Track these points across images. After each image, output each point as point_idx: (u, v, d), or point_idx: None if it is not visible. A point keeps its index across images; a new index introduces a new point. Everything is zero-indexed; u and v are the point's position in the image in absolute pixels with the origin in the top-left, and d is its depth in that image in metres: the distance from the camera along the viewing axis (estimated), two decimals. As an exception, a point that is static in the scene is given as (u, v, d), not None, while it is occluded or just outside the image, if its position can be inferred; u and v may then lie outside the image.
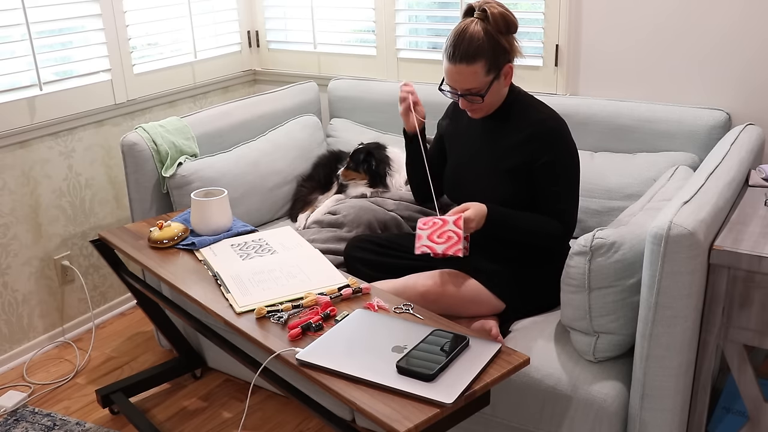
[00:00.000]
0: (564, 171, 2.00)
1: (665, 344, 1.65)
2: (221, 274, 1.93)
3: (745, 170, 2.04)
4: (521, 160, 1.99)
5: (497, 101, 2.01)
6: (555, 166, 1.97)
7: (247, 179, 2.69)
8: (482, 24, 1.90)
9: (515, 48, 1.96)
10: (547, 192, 1.98)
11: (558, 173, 1.98)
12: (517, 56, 1.98)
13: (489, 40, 1.89)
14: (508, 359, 1.53)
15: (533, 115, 2.01)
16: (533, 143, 1.97)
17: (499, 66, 1.92)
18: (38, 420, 2.40)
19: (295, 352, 1.54)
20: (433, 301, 1.92)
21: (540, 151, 1.96)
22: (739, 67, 2.39)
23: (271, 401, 2.47)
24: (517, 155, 1.99)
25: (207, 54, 3.30)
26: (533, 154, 1.97)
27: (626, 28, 2.54)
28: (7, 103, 2.58)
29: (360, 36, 3.21)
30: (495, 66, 1.91)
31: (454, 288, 1.95)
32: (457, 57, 1.89)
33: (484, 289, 1.98)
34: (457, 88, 1.96)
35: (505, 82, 1.98)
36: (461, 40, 1.89)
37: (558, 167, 1.98)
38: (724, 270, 1.66)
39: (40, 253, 2.79)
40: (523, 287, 2.04)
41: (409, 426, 1.32)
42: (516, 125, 2.02)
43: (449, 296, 1.94)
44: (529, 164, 1.98)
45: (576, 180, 2.03)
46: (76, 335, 2.94)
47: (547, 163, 1.96)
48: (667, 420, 1.71)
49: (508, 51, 1.93)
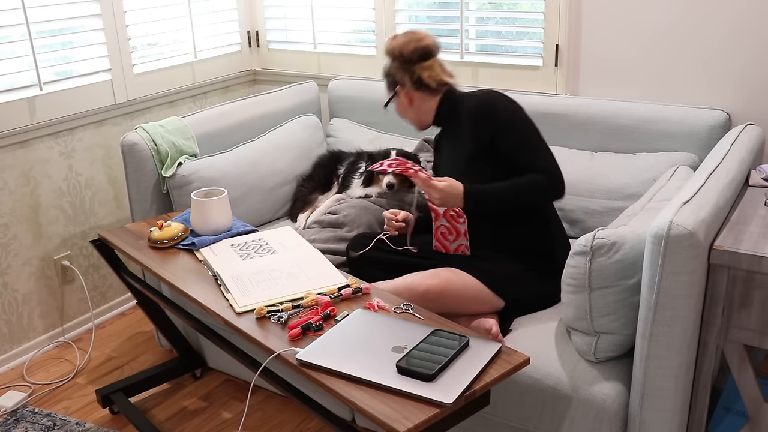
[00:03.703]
0: (519, 131, 2.09)
1: (665, 344, 1.65)
2: (221, 274, 1.93)
3: (745, 170, 2.04)
4: (477, 146, 2.11)
5: (413, 115, 2.28)
6: (507, 131, 2.08)
7: (247, 179, 2.69)
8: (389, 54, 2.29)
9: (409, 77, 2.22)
10: (516, 158, 2.06)
11: (514, 137, 2.08)
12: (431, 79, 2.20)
13: (387, 68, 2.30)
14: (508, 359, 1.53)
15: (466, 105, 2.17)
16: (477, 126, 2.11)
17: (393, 87, 2.28)
18: (38, 420, 2.40)
19: (295, 352, 1.54)
20: (434, 300, 1.93)
21: (487, 130, 2.09)
22: (739, 67, 2.39)
23: (271, 401, 2.47)
24: (472, 144, 2.12)
25: (207, 54, 3.30)
26: (484, 135, 2.09)
27: (626, 28, 2.54)
28: (7, 103, 2.58)
29: (360, 36, 3.21)
30: (390, 86, 2.30)
31: (454, 286, 1.95)
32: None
33: (484, 287, 1.99)
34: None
35: (406, 102, 2.26)
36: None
37: (511, 133, 2.08)
38: (724, 270, 1.66)
39: (40, 253, 2.79)
40: (523, 284, 2.04)
41: (409, 426, 1.32)
42: (458, 123, 2.19)
43: (449, 295, 1.95)
44: (486, 146, 2.09)
45: (534, 133, 2.12)
46: (76, 335, 2.94)
47: (499, 133, 2.07)
48: (667, 420, 1.71)
49: (394, 76, 2.26)
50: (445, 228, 2.15)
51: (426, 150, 2.78)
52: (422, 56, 2.22)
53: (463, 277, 1.98)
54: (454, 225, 2.12)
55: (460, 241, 2.13)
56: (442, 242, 2.17)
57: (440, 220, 2.15)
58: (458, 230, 2.12)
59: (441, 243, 2.17)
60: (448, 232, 2.15)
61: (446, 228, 2.15)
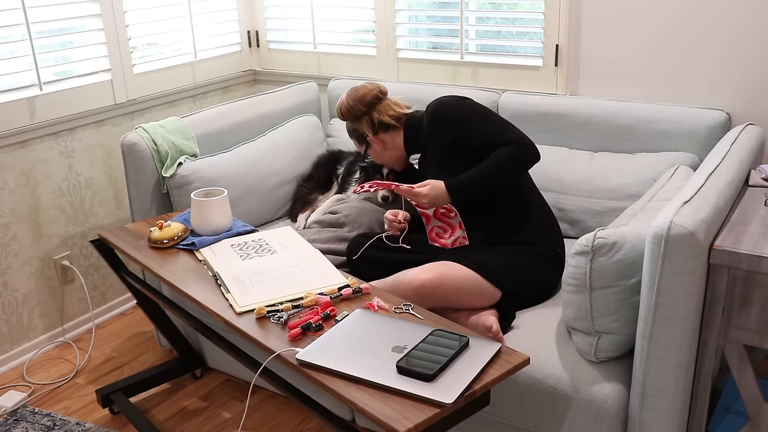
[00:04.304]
0: (473, 122, 2.18)
1: (665, 344, 1.65)
2: (221, 274, 1.93)
3: (745, 170, 2.04)
4: (441, 154, 2.22)
5: (391, 156, 2.43)
6: (465, 129, 2.17)
7: (247, 179, 2.69)
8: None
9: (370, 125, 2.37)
10: (482, 143, 2.13)
11: (472, 128, 2.16)
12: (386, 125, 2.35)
13: (349, 127, 2.47)
14: (509, 359, 1.53)
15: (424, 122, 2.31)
16: (437, 134, 2.23)
17: (363, 139, 2.42)
18: (38, 420, 2.40)
19: (295, 352, 1.54)
20: (429, 294, 1.93)
21: (446, 134, 2.19)
22: (739, 67, 2.39)
23: (271, 401, 2.47)
24: (438, 155, 2.24)
25: (207, 54, 3.30)
26: (445, 139, 2.20)
27: (626, 28, 2.54)
28: (7, 103, 2.58)
29: (360, 36, 3.21)
30: (361, 140, 2.45)
31: (450, 279, 1.96)
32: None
33: (479, 277, 1.99)
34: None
35: (381, 147, 2.40)
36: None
37: (467, 127, 2.17)
38: (724, 270, 1.66)
39: (40, 253, 2.79)
40: (518, 273, 2.05)
41: (409, 426, 1.32)
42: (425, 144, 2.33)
43: (445, 288, 1.94)
44: (447, 150, 2.20)
45: (488, 116, 2.21)
46: (76, 335, 2.94)
47: (459, 135, 2.17)
48: (667, 420, 1.71)
49: (362, 131, 2.39)
50: (439, 228, 2.17)
51: None
52: (371, 104, 2.38)
53: (458, 269, 1.98)
54: (447, 222, 2.14)
55: (456, 235, 2.14)
56: (438, 241, 2.17)
57: (432, 222, 2.17)
58: (452, 225, 2.14)
59: (437, 243, 2.18)
60: (443, 231, 2.16)
61: (440, 228, 2.16)
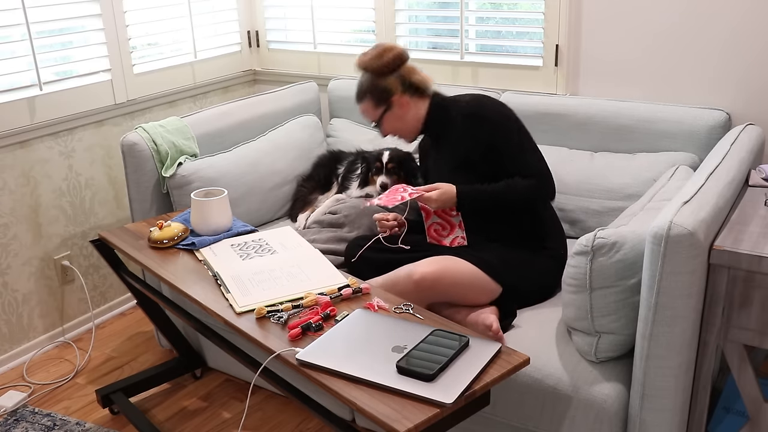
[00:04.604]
0: (508, 135, 2.13)
1: (665, 344, 1.65)
2: (221, 274, 1.93)
3: (745, 170, 2.04)
4: (466, 152, 2.15)
5: (406, 126, 2.25)
6: (497, 137, 2.12)
7: (247, 179, 2.69)
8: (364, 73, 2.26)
9: (404, 80, 2.21)
10: (505, 162, 2.10)
11: (505, 139, 2.12)
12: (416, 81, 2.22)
13: (368, 83, 2.24)
14: (509, 359, 1.53)
15: (456, 111, 2.19)
16: (467, 132, 2.14)
17: (386, 99, 2.21)
18: (38, 420, 2.40)
19: (295, 352, 1.54)
20: (430, 288, 1.92)
21: (476, 135, 2.12)
22: (739, 67, 2.39)
23: (271, 401, 2.47)
24: (462, 150, 2.16)
25: (207, 54, 3.30)
26: (473, 140, 2.13)
27: (626, 28, 2.54)
28: (7, 103, 2.58)
29: (360, 36, 3.21)
30: (381, 100, 2.22)
31: (450, 272, 1.95)
32: (355, 97, 2.30)
33: (480, 272, 1.99)
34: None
35: (402, 111, 2.22)
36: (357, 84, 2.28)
37: (501, 135, 2.12)
38: (724, 270, 1.66)
39: (40, 253, 2.79)
40: (519, 270, 2.05)
41: (409, 426, 1.32)
42: (448, 132, 2.22)
43: (445, 281, 1.94)
44: (475, 151, 2.13)
45: (522, 136, 2.16)
46: (76, 335, 2.94)
47: (489, 139, 2.11)
48: (667, 420, 1.71)
49: (389, 87, 2.21)
50: (438, 225, 2.16)
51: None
52: (403, 61, 2.23)
53: (459, 263, 1.98)
54: (447, 219, 2.14)
55: (455, 234, 2.14)
56: (437, 239, 2.17)
57: (432, 218, 2.17)
58: (451, 224, 2.14)
59: (436, 240, 2.18)
60: (442, 227, 2.16)
61: (439, 224, 2.16)
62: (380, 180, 2.56)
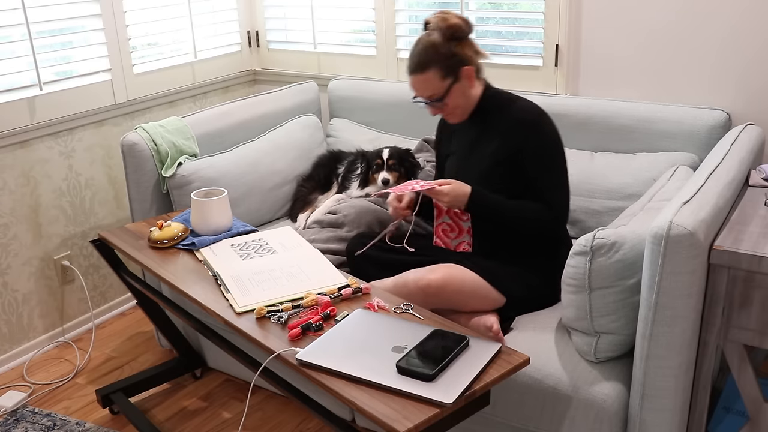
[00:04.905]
0: (547, 160, 2.05)
1: (665, 344, 1.65)
2: (221, 274, 1.93)
3: (745, 170, 2.04)
4: (505, 155, 2.05)
5: (466, 104, 2.09)
6: (537, 156, 2.03)
7: (247, 179, 2.69)
8: (432, 34, 2.01)
9: (472, 51, 2.05)
10: (533, 181, 2.04)
11: (541, 162, 2.04)
12: (479, 58, 2.07)
13: (438, 49, 1.99)
14: (508, 359, 1.53)
15: (511, 111, 2.07)
16: (514, 137, 2.04)
17: (455, 70, 2.01)
18: (38, 420, 2.40)
19: (295, 352, 1.54)
20: (435, 295, 1.92)
21: (521, 144, 2.03)
22: (739, 67, 2.39)
23: (271, 401, 2.47)
24: (500, 152, 2.06)
25: (207, 54, 3.30)
26: (515, 147, 2.04)
27: (626, 28, 2.54)
28: (7, 103, 2.58)
29: (360, 36, 3.21)
30: (450, 71, 2.01)
31: (456, 281, 1.95)
32: (412, 68, 2.04)
33: (485, 283, 1.98)
34: (420, 96, 2.06)
35: (469, 84, 2.06)
36: (414, 53, 2.04)
37: (540, 156, 2.04)
38: (724, 270, 1.66)
39: (40, 253, 2.79)
40: (525, 281, 2.04)
41: (409, 426, 1.32)
42: (496, 124, 2.09)
43: (450, 289, 1.94)
44: (512, 157, 2.04)
45: (561, 167, 2.08)
46: (76, 335, 2.94)
47: (529, 154, 2.03)
48: (667, 420, 1.71)
49: (461, 55, 2.01)
50: (447, 225, 2.15)
51: (425, 150, 2.78)
52: (470, 28, 2.04)
53: (465, 273, 1.98)
54: (457, 222, 2.13)
55: (462, 239, 2.14)
56: (443, 239, 2.17)
57: (443, 218, 2.15)
58: (461, 228, 2.13)
59: (442, 240, 2.17)
60: (450, 229, 2.15)
61: (448, 225, 2.15)
62: (381, 176, 2.56)
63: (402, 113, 2.95)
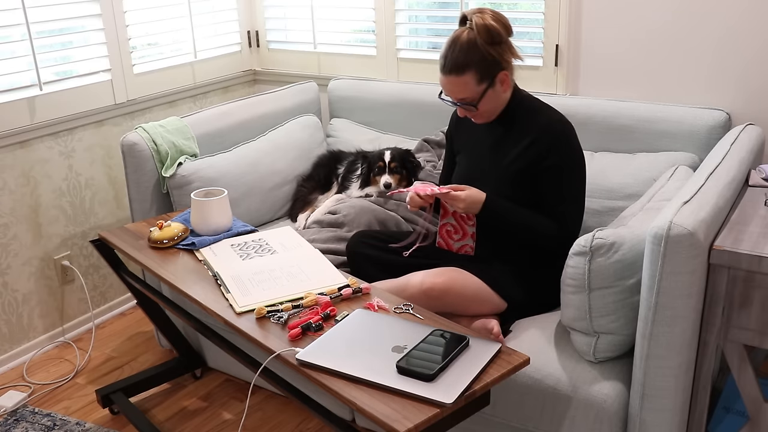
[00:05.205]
0: (567, 175, 2.01)
1: (665, 344, 1.65)
2: (221, 274, 1.93)
3: (745, 170, 2.04)
4: (526, 163, 2.01)
5: (496, 107, 2.03)
6: (558, 170, 1.99)
7: (247, 179, 2.69)
8: (471, 34, 1.92)
9: (510, 55, 1.98)
10: (549, 194, 2.01)
11: (561, 176, 2.00)
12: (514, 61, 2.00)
13: (477, 52, 1.91)
14: (508, 359, 1.53)
15: (539, 119, 2.03)
16: (538, 146, 2.00)
17: (492, 75, 1.94)
18: (38, 420, 2.40)
19: (295, 352, 1.54)
20: (437, 298, 1.92)
21: (544, 154, 1.99)
22: (739, 67, 2.39)
23: (271, 401, 2.47)
24: (522, 159, 2.02)
25: (207, 54, 3.30)
26: (538, 157, 2.00)
27: (626, 28, 2.54)
28: (7, 103, 2.58)
29: (360, 36, 3.21)
30: (487, 75, 1.93)
31: (458, 285, 1.95)
32: (447, 68, 1.95)
33: (487, 288, 1.98)
34: (451, 97, 1.99)
35: (502, 89, 1.99)
36: (451, 52, 1.94)
37: (561, 171, 2.00)
38: (724, 270, 1.66)
39: (40, 253, 2.79)
40: (526, 287, 2.04)
41: (409, 426, 1.32)
42: (521, 129, 2.04)
43: (452, 293, 1.94)
44: (533, 167, 2.00)
45: (580, 185, 2.05)
46: (76, 335, 2.94)
47: (550, 166, 1.99)
48: (667, 420, 1.71)
49: (500, 60, 1.94)
50: (452, 227, 2.14)
51: (426, 150, 2.78)
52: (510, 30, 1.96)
53: (468, 277, 1.98)
54: (462, 225, 2.12)
55: (465, 242, 2.13)
56: (446, 240, 2.16)
57: (448, 218, 2.14)
58: (465, 231, 2.12)
59: (445, 241, 2.17)
60: (454, 231, 2.14)
61: (452, 227, 2.14)
62: (383, 180, 2.56)
63: (402, 113, 2.95)
